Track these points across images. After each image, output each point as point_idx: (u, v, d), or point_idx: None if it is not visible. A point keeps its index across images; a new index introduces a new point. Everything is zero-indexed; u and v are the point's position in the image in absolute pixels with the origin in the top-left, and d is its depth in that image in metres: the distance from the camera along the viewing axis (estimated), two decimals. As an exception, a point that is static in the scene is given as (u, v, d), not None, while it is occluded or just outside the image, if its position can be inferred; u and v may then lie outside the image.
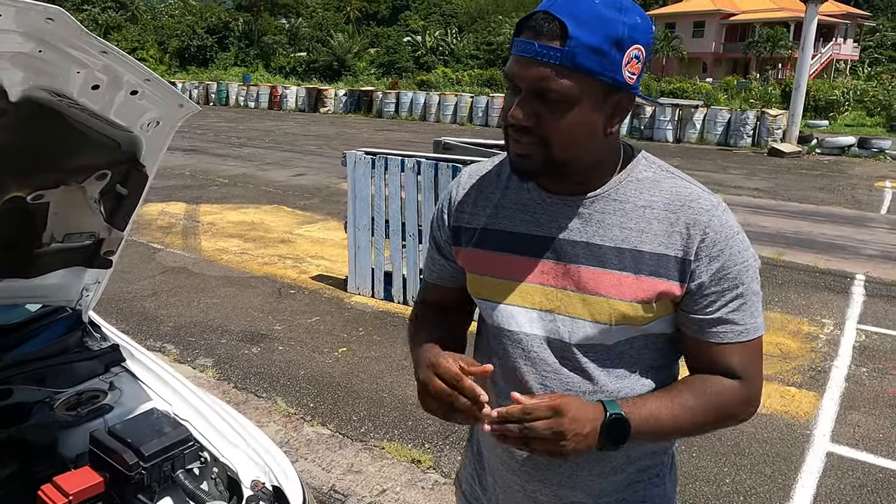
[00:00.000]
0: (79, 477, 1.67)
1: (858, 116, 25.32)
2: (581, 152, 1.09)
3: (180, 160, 13.37)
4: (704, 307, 1.10)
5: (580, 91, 1.02)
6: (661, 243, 1.09)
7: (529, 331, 1.16)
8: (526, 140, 1.07)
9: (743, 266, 1.09)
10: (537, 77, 1.02)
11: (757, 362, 1.14)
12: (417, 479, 3.14)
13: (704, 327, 1.11)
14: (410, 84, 33.26)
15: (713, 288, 1.09)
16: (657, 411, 1.09)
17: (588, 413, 1.05)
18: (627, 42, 1.01)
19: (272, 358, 4.39)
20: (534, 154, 1.08)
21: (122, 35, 49.70)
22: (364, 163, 5.38)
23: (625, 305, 1.10)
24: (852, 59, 43.69)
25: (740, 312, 1.10)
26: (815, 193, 11.55)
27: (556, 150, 1.07)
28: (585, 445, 1.04)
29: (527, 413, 1.02)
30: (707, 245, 1.08)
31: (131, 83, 1.37)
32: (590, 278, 1.12)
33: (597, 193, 1.14)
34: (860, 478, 3.25)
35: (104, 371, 2.04)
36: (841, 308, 5.68)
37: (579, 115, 1.04)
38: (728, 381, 1.12)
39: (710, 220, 1.09)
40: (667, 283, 1.09)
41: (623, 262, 1.10)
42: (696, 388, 1.13)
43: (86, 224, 1.77)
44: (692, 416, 1.11)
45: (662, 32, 43.96)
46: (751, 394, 1.14)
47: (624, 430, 1.06)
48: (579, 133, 1.06)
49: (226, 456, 1.79)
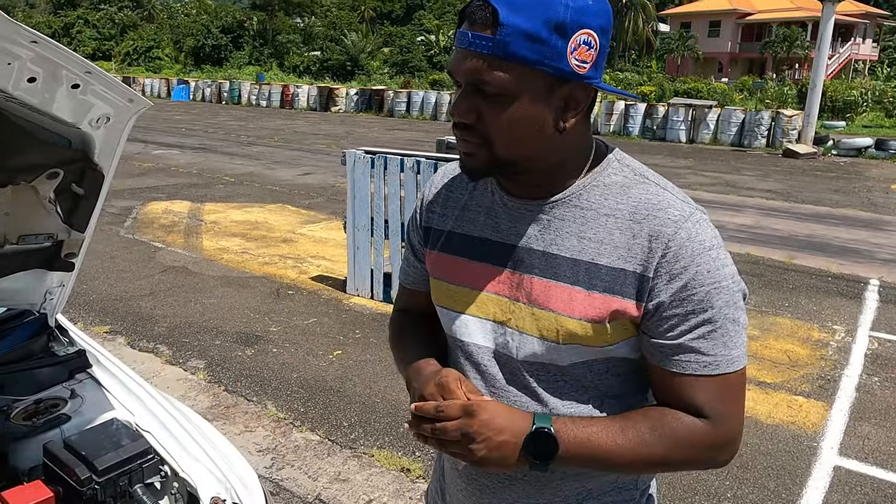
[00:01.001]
0: (28, 492, 1.58)
1: (876, 117, 24.89)
2: (531, 151, 0.98)
3: (188, 158, 13.39)
4: (665, 331, 0.97)
5: (518, 83, 0.92)
6: (619, 256, 0.97)
7: (481, 342, 1.08)
8: (469, 138, 0.98)
9: (714, 287, 0.95)
10: (470, 70, 0.93)
11: (730, 402, 0.98)
12: (405, 488, 3.04)
13: (666, 354, 0.98)
14: (423, 83, 33.22)
15: (674, 310, 0.95)
16: (597, 436, 0.96)
17: (508, 421, 0.96)
18: (572, 26, 0.90)
19: (265, 360, 4.31)
20: (477, 153, 0.99)
21: (138, 34, 50.12)
22: (363, 162, 5.29)
23: (573, 323, 0.99)
24: (871, 59, 43.12)
25: (708, 341, 0.96)
26: (830, 196, 11.33)
27: (498, 148, 0.97)
28: (501, 455, 0.96)
29: (439, 411, 0.97)
30: (669, 260, 0.95)
31: (71, 76, 1.28)
32: (541, 291, 1.02)
33: (558, 198, 1.03)
34: (868, 494, 3.11)
35: (68, 378, 1.96)
36: (853, 314, 5.51)
37: (521, 109, 0.94)
38: (690, 419, 0.98)
39: (675, 232, 0.95)
40: (621, 302, 0.97)
41: (576, 275, 0.99)
42: (653, 419, 0.99)
43: (42, 225, 1.69)
44: (644, 450, 0.97)
45: (678, 32, 43.66)
46: (718, 437, 0.98)
47: (550, 447, 0.96)
48: (523, 129, 0.96)
49: (186, 470, 1.70)
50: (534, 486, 1.08)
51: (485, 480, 1.11)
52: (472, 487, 1.14)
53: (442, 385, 1.00)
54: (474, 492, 1.14)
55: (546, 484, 1.07)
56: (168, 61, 48.03)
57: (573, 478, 1.07)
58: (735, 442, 1.01)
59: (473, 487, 1.13)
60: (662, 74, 35.85)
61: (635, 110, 20.60)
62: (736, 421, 1.00)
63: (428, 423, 0.98)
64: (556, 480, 1.07)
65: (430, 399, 1.00)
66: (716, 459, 1.01)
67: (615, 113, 20.85)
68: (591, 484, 1.08)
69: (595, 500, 1.10)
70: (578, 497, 1.09)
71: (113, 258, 6.42)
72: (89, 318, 4.92)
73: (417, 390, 1.05)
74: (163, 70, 45.86)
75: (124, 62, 47.93)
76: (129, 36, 50.31)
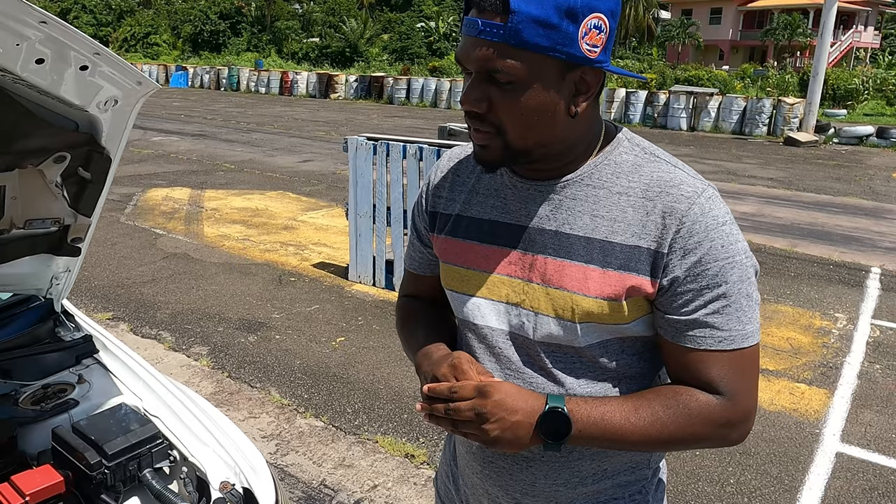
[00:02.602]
0: (38, 476, 1.59)
1: (878, 105, 24.80)
2: (545, 138, 0.98)
3: (188, 145, 13.33)
4: (679, 307, 0.97)
5: (530, 70, 0.92)
6: (633, 233, 0.98)
7: (495, 325, 1.08)
8: (482, 128, 0.97)
9: (727, 262, 0.95)
10: (482, 58, 0.92)
11: (744, 377, 0.99)
12: (410, 474, 3.05)
13: (680, 330, 0.98)
14: (422, 70, 33.03)
15: (689, 285, 0.96)
16: (611, 415, 0.97)
17: (521, 401, 0.97)
18: (583, 11, 0.89)
19: (268, 347, 4.31)
20: (491, 144, 0.98)
21: (135, 20, 49.72)
22: (366, 149, 5.27)
23: (589, 301, 0.99)
24: (872, 46, 42.88)
25: (722, 315, 0.96)
26: (832, 184, 11.31)
27: (512, 137, 0.97)
28: (514, 436, 0.96)
29: (453, 392, 0.98)
30: (683, 236, 0.95)
31: (80, 58, 1.27)
32: (555, 270, 1.02)
33: (569, 178, 1.03)
34: (870, 480, 3.12)
35: (75, 363, 1.96)
36: (855, 302, 5.52)
37: (533, 96, 0.93)
38: (704, 395, 0.98)
39: (689, 208, 0.96)
40: (637, 279, 0.97)
41: (591, 253, 0.99)
42: (666, 397, 0.99)
43: (49, 209, 1.68)
44: (657, 428, 0.97)
45: (679, 19, 43.37)
46: (732, 414, 0.99)
47: (563, 427, 0.96)
48: (537, 116, 0.95)
49: (195, 455, 1.70)
50: (551, 466, 1.08)
51: (502, 462, 1.11)
52: (489, 470, 1.14)
53: (455, 366, 1.01)
54: (491, 474, 1.14)
55: (564, 464, 1.08)
56: (166, 47, 47.71)
57: (590, 458, 1.08)
58: (749, 419, 1.01)
59: (490, 470, 1.13)
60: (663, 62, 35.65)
61: (636, 98, 20.51)
62: (750, 397, 1.00)
63: (441, 404, 0.99)
64: (574, 461, 1.08)
65: (443, 380, 1.00)
66: (729, 437, 1.01)
67: (616, 100, 20.75)
68: (606, 464, 1.09)
69: (610, 479, 1.11)
70: (595, 477, 1.10)
71: (114, 245, 6.40)
72: (91, 304, 4.91)
73: (429, 373, 1.05)
74: (160, 56, 45.57)
75: (122, 48, 47.60)
76: (126, 22, 49.93)
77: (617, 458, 1.10)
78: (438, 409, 0.99)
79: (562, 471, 1.09)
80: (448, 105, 25.22)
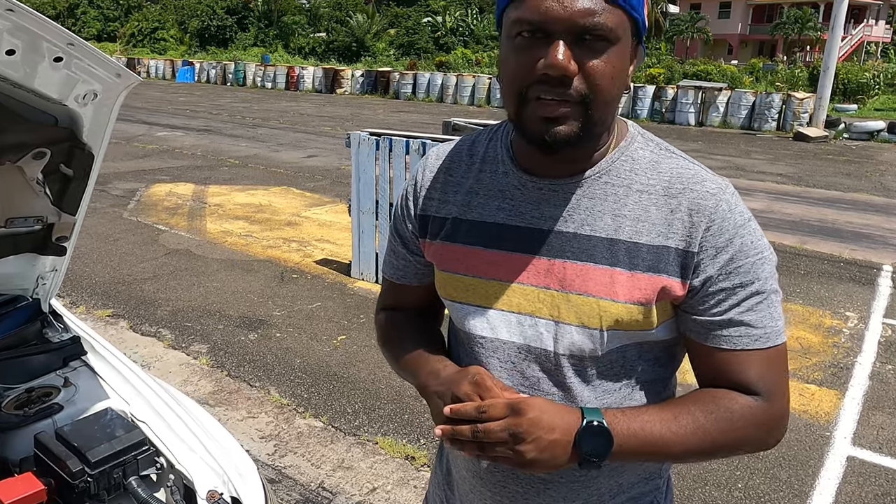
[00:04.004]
0: (19, 484, 1.53)
1: (889, 100, 24.53)
2: (612, 111, 0.92)
3: (192, 140, 13.30)
4: (712, 307, 0.92)
5: (623, 30, 0.87)
6: (660, 233, 0.92)
7: (507, 338, 0.99)
8: (566, 97, 0.86)
9: (758, 258, 0.91)
10: (580, 13, 0.83)
11: (780, 375, 0.94)
12: (410, 476, 2.99)
13: (713, 331, 0.93)
14: (429, 65, 32.90)
15: (722, 283, 0.91)
16: (650, 426, 0.90)
17: (557, 417, 0.88)
18: None
19: (269, 345, 4.26)
20: (570, 115, 0.87)
21: (142, 15, 49.76)
22: (368, 144, 5.20)
23: (618, 307, 0.92)
24: (884, 41, 42.45)
25: (757, 313, 0.91)
26: (842, 180, 11.16)
27: (597, 105, 0.88)
28: (551, 455, 0.88)
29: (482, 411, 0.88)
30: (713, 234, 0.90)
31: (53, 49, 1.20)
32: (577, 275, 0.94)
33: (586, 175, 0.95)
34: (883, 485, 3.04)
35: (62, 365, 1.90)
36: (866, 301, 5.41)
37: (621, 59, 0.88)
38: (743, 397, 0.93)
39: (716, 205, 0.91)
40: (667, 280, 0.91)
41: (616, 256, 0.92)
42: (704, 402, 0.93)
43: (30, 207, 1.62)
44: (698, 437, 0.91)
45: (688, 14, 43.03)
46: (772, 415, 0.94)
47: (604, 442, 0.89)
48: (620, 85, 0.90)
49: (182, 462, 1.64)
50: (570, 487, 1.01)
51: (515, 486, 1.03)
52: (501, 496, 1.05)
53: (478, 384, 0.92)
54: (503, 500, 1.05)
55: (582, 484, 1.01)
56: (173, 42, 47.71)
57: (607, 474, 1.02)
58: (786, 420, 0.97)
59: (502, 495, 1.04)
60: (672, 56, 35.38)
61: (644, 93, 20.35)
62: (786, 396, 0.96)
63: (466, 426, 0.89)
64: (591, 479, 1.01)
65: (466, 399, 0.91)
66: (767, 440, 0.96)
67: (623, 95, 20.57)
68: (622, 478, 1.03)
69: (626, 493, 1.05)
70: (611, 493, 1.03)
71: (116, 241, 6.37)
72: (92, 301, 4.87)
73: (446, 393, 0.95)
74: (168, 51, 45.60)
75: (129, 43, 47.67)
76: (133, 17, 49.97)
77: (631, 471, 1.04)
78: (464, 431, 0.88)
79: (581, 491, 1.02)
80: (454, 100, 25.11)
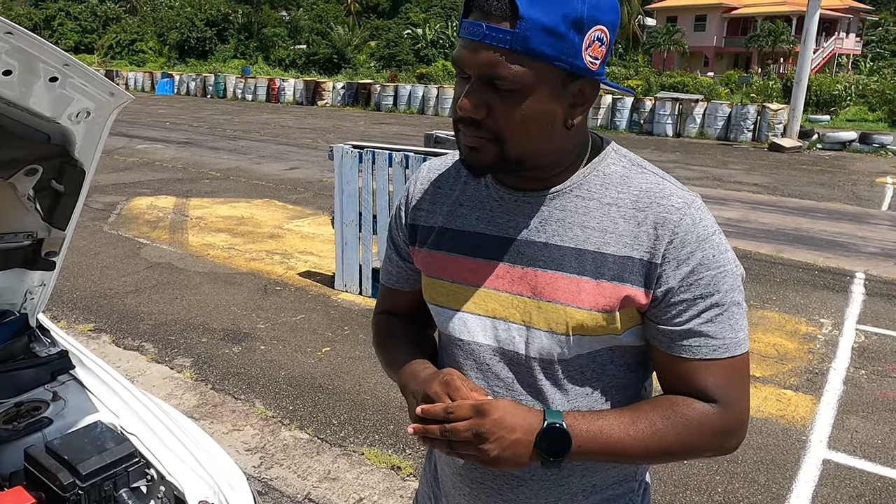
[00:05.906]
0: (10, 498, 1.54)
1: (860, 111, 25.12)
2: (540, 148, 0.97)
3: (173, 153, 13.24)
4: (673, 317, 0.97)
5: (535, 78, 0.90)
6: (626, 244, 0.97)
7: (482, 340, 1.05)
8: (478, 134, 0.95)
9: (719, 272, 0.96)
10: (486, 63, 0.90)
11: (738, 385, 0.99)
12: (396, 486, 3.02)
13: (675, 340, 0.98)
14: (410, 77, 33.06)
15: (683, 295, 0.96)
16: (610, 429, 0.96)
17: (519, 418, 0.94)
18: (588, 22, 0.89)
19: (253, 358, 4.26)
20: (485, 147, 0.96)
21: (120, 27, 49.46)
22: (351, 156, 5.24)
23: (582, 314, 0.98)
24: (854, 53, 43.48)
25: (716, 324, 0.97)
26: (816, 189, 11.40)
27: (510, 145, 0.95)
28: (514, 454, 0.94)
29: (449, 412, 0.94)
30: (676, 246, 0.96)
31: (48, 69, 1.24)
32: (547, 283, 1.00)
33: (558, 189, 1.02)
34: (857, 487, 3.12)
35: (50, 379, 1.91)
36: (840, 307, 5.55)
37: (535, 105, 0.92)
38: (700, 404, 0.98)
39: (680, 219, 0.96)
40: (631, 289, 0.97)
41: (583, 265, 0.98)
42: (662, 408, 0.99)
43: (21, 223, 1.64)
44: (656, 439, 0.97)
45: (664, 26, 43.74)
46: (728, 422, 0.99)
47: (563, 443, 0.95)
48: (536, 126, 0.94)
49: (173, 473, 1.66)
50: (542, 485, 1.06)
51: (491, 483, 1.09)
52: (478, 491, 1.11)
53: (447, 383, 0.98)
54: (480, 495, 1.11)
55: (554, 482, 1.06)
56: (152, 55, 47.47)
57: (580, 474, 1.07)
58: (744, 427, 1.01)
59: (479, 491, 1.11)
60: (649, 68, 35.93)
61: (622, 104, 20.61)
62: (744, 405, 1.01)
63: (436, 426, 0.95)
64: (564, 477, 1.06)
65: (436, 399, 0.98)
66: (725, 445, 1.01)
67: (602, 107, 20.84)
68: (595, 479, 1.08)
69: (599, 493, 1.09)
70: (584, 492, 1.08)
71: (97, 254, 6.33)
72: (73, 315, 4.84)
73: (419, 392, 1.02)
74: (146, 63, 45.33)
75: (107, 55, 47.33)
76: (111, 29, 49.67)
77: (605, 473, 1.08)
78: (434, 430, 0.95)
79: (553, 489, 1.07)
80: (435, 112, 25.25)
